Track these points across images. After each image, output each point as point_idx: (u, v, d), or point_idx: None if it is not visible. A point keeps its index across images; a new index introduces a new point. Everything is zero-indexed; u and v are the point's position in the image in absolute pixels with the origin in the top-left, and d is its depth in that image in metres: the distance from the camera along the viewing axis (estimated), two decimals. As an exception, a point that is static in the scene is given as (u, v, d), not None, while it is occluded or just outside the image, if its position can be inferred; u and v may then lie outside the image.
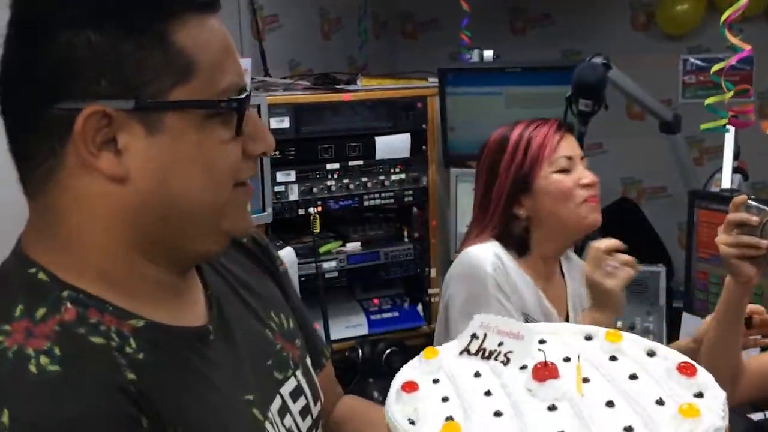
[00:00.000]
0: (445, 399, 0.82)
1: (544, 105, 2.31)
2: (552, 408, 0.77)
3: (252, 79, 2.76)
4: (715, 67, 1.08)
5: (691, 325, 2.20)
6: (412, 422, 0.78)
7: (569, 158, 1.63)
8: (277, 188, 2.34)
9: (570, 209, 1.61)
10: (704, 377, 0.82)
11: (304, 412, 0.93)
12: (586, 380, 0.82)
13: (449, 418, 0.77)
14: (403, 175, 2.55)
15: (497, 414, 0.78)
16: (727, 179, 2.23)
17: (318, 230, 2.43)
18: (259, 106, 2.26)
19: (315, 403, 0.96)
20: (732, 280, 1.30)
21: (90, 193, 0.75)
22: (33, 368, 0.68)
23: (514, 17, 3.87)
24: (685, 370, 0.82)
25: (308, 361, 0.99)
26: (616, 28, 3.64)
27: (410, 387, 0.82)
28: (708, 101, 1.12)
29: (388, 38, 3.90)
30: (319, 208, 2.42)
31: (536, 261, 1.67)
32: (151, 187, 0.75)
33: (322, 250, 2.48)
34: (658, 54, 3.50)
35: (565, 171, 1.62)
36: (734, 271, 1.24)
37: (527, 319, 1.56)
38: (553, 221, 1.62)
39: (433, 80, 2.55)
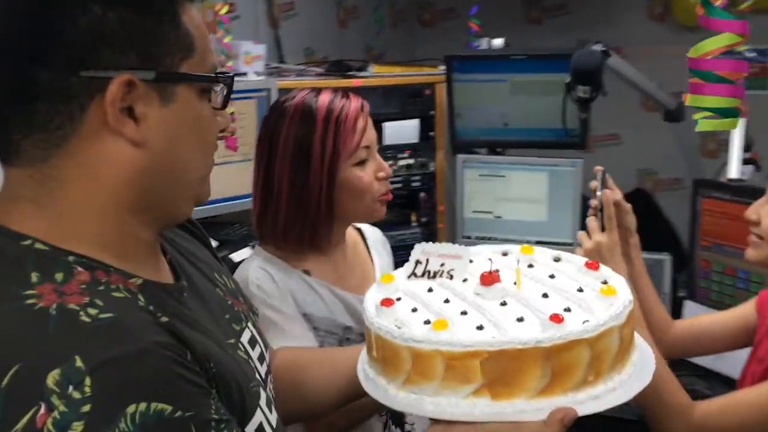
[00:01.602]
0: (414, 310, 0.99)
1: (549, 92, 2.35)
2: (503, 304, 0.97)
3: (267, 65, 2.83)
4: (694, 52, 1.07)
5: (692, 312, 2.23)
6: (399, 327, 0.94)
7: (368, 147, 1.43)
8: (286, 171, 2.40)
9: (366, 205, 1.44)
10: (605, 269, 1.06)
11: (261, 358, 1.00)
12: (515, 283, 1.02)
13: (427, 321, 0.93)
14: (411, 161, 2.59)
15: (463, 313, 0.95)
16: (733, 169, 2.24)
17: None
18: (269, 91, 2.32)
19: (266, 350, 1.03)
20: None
21: (104, 158, 0.79)
22: (86, 318, 0.71)
23: (530, 7, 3.89)
24: (591, 266, 1.06)
25: (252, 314, 1.06)
26: (632, 18, 3.64)
27: (388, 302, 0.99)
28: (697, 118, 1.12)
29: (406, 26, 3.94)
30: (328, 192, 2.47)
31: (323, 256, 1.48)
32: (161, 152, 0.81)
33: (330, 232, 2.53)
34: (674, 45, 3.50)
35: (363, 163, 1.42)
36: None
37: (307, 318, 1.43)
38: (344, 215, 1.45)
39: (443, 68, 2.59)
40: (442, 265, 1.07)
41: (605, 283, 1.01)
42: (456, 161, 2.57)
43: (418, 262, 1.08)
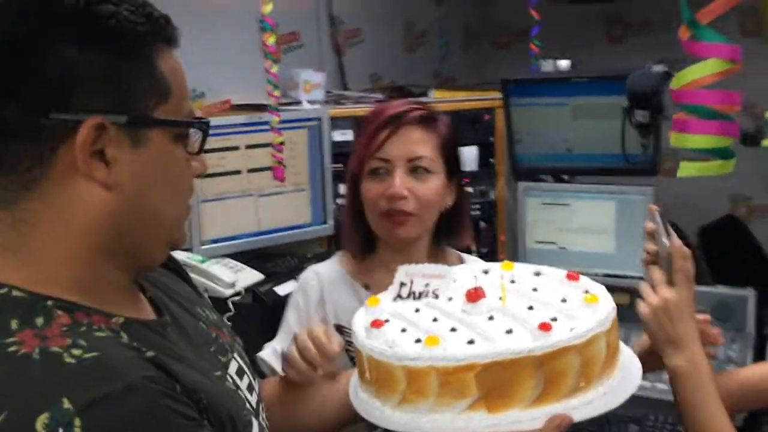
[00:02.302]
0: (403, 330, 0.99)
1: (614, 116, 2.20)
2: (491, 318, 0.98)
3: (329, 92, 2.82)
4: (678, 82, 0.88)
5: (778, 354, 2.02)
6: (391, 347, 0.95)
7: (386, 161, 1.38)
8: (339, 200, 2.36)
9: (373, 220, 1.41)
10: (585, 279, 1.09)
11: (250, 388, 0.99)
12: (501, 299, 1.04)
13: (418, 340, 0.95)
14: (470, 189, 2.49)
15: (452, 329, 0.96)
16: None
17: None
18: (321, 120, 2.30)
19: (255, 380, 1.02)
20: None
21: (75, 201, 0.78)
22: (70, 359, 0.71)
23: (611, 25, 3.72)
24: (571, 277, 1.09)
25: (237, 345, 1.04)
26: (722, 34, 3.41)
27: (378, 324, 1.01)
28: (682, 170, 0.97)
29: (478, 49, 3.85)
30: (382, 221, 2.42)
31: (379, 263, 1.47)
32: (132, 196, 0.80)
33: (386, 262, 2.47)
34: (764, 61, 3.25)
35: (377, 175, 1.38)
36: (647, 275, 1.21)
37: (340, 329, 1.42)
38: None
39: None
40: (427, 285, 1.08)
41: (587, 292, 1.04)
42: (517, 189, 2.46)
43: (402, 284, 1.09)
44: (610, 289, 1.10)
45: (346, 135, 2.36)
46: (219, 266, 2.04)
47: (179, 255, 2.07)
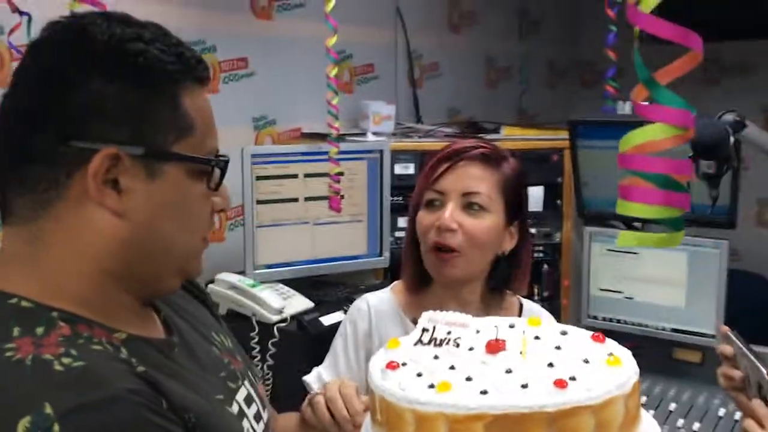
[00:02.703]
0: (419, 375, 0.99)
1: (688, 163, 2.09)
2: (508, 371, 0.96)
3: (400, 125, 2.83)
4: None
5: None
6: (403, 390, 0.94)
7: (441, 193, 1.38)
8: (397, 233, 2.34)
9: (424, 253, 1.40)
10: (611, 342, 1.05)
11: (257, 417, 1.00)
12: (521, 353, 1.01)
13: (431, 386, 0.94)
14: (533, 230, 2.42)
15: (468, 379, 0.95)
16: None
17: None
18: (382, 152, 2.30)
19: (264, 410, 1.03)
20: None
21: (86, 225, 0.82)
22: (59, 367, 0.73)
23: (707, 66, 3.56)
24: (597, 338, 1.05)
25: (250, 374, 1.06)
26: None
27: (393, 366, 1.00)
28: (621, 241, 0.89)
29: (565, 87, 3.77)
30: (441, 257, 2.38)
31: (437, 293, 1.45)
32: (142, 225, 0.83)
33: (443, 299, 2.43)
34: None
35: (431, 207, 1.39)
36: (737, 403, 1.15)
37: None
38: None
39: (577, 132, 2.42)
40: (449, 333, 1.08)
41: (611, 354, 1.01)
42: (583, 233, 2.36)
43: (424, 329, 1.09)
44: (680, 345, 1.07)
45: (408, 168, 2.35)
46: (269, 291, 2.06)
47: (231, 278, 2.11)
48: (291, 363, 1.86)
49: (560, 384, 0.91)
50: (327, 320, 2.02)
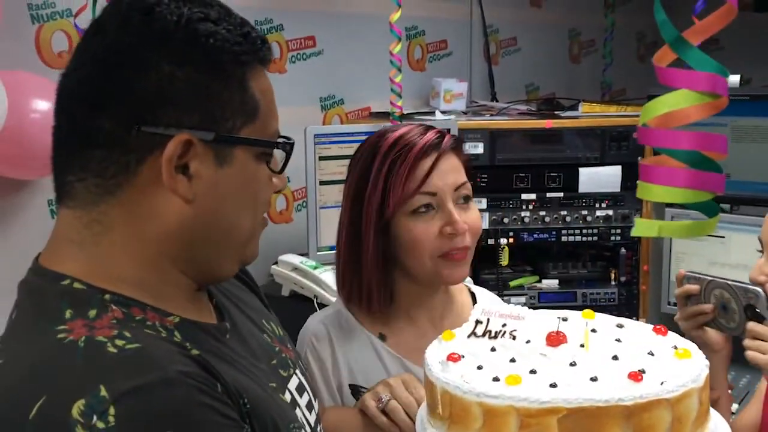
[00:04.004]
0: (479, 367, 0.95)
1: (781, 140, 1.92)
2: (573, 364, 0.93)
3: (474, 102, 2.75)
4: None
5: None
6: (468, 383, 0.91)
7: (433, 194, 1.23)
8: (465, 215, 2.27)
9: (423, 263, 1.24)
10: (673, 335, 1.02)
11: (309, 406, 0.98)
12: (582, 346, 0.98)
13: (496, 378, 0.90)
14: (610, 212, 2.30)
15: (532, 372, 0.91)
16: None
17: (506, 262, 2.31)
18: (449, 131, 2.22)
19: (315, 399, 1.01)
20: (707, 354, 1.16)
21: (154, 210, 0.80)
22: (112, 349, 0.73)
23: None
24: (659, 330, 1.03)
25: (301, 363, 1.04)
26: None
27: (454, 358, 0.97)
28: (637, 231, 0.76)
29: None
30: (511, 240, 2.30)
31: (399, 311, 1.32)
32: (210, 211, 0.82)
33: (513, 283, 2.35)
34: None
35: (422, 213, 1.23)
36: (699, 343, 1.18)
37: (356, 390, 1.26)
38: (408, 274, 1.28)
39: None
40: (504, 325, 1.04)
41: (675, 347, 0.99)
42: (665, 215, 2.22)
43: (478, 321, 1.06)
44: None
45: (477, 147, 2.27)
46: (329, 273, 2.04)
47: (294, 259, 2.10)
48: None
49: (635, 377, 0.88)
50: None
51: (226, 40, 0.80)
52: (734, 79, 2.29)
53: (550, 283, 2.37)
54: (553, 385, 0.88)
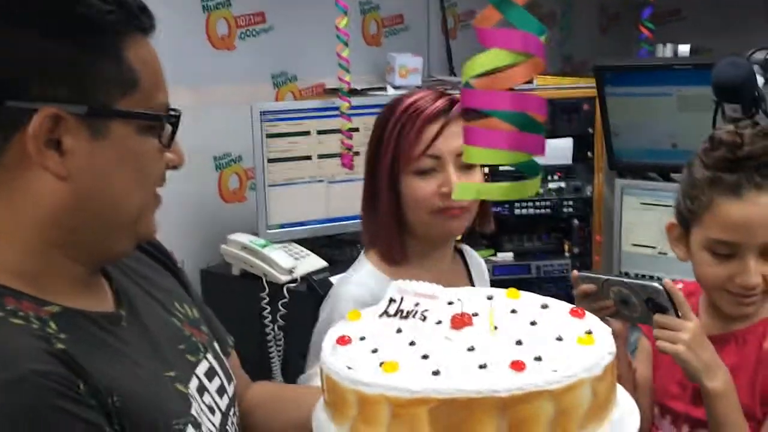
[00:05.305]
0: (374, 351, 0.91)
1: (724, 109, 1.92)
2: (471, 349, 0.89)
3: (431, 77, 2.73)
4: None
5: None
6: (350, 369, 0.87)
7: (436, 158, 1.32)
8: (418, 190, 2.27)
9: (421, 218, 1.34)
10: (592, 318, 0.97)
11: (221, 391, 0.96)
12: (494, 328, 0.94)
13: (382, 363, 0.86)
14: (562, 184, 2.31)
15: (424, 357, 0.88)
16: None
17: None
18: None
19: (229, 384, 0.99)
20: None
21: (27, 191, 0.77)
22: None
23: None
24: (576, 313, 0.97)
25: (216, 346, 1.01)
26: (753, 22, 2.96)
27: (343, 341, 0.93)
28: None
29: (619, 31, 3.55)
30: (464, 214, 2.30)
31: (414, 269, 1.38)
32: (88, 188, 0.79)
33: (469, 257, 2.35)
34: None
35: (426, 173, 1.33)
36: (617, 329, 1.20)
37: None
38: (413, 228, 1.38)
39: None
40: (417, 304, 1.00)
41: (589, 332, 0.93)
42: (615, 186, 2.23)
43: (392, 300, 1.02)
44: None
45: (428, 122, 2.26)
46: (279, 252, 2.04)
47: (243, 238, 2.10)
48: (302, 324, 1.83)
49: (517, 366, 0.82)
50: (336, 279, 1.99)
51: (97, 8, 0.76)
52: (684, 48, 2.30)
53: (506, 257, 2.38)
54: (436, 373, 0.85)
